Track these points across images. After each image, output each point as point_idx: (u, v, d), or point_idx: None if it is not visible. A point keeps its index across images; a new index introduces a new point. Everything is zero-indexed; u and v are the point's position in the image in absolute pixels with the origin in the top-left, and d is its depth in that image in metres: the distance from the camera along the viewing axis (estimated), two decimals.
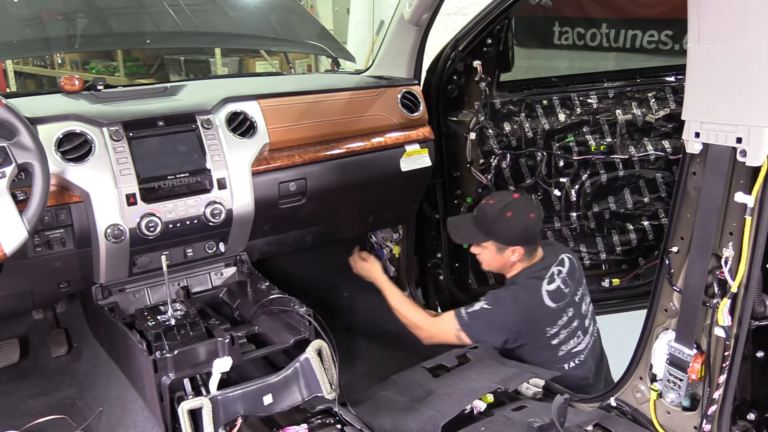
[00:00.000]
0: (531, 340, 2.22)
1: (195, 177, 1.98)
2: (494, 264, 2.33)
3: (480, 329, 2.21)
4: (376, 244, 2.98)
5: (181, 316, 1.86)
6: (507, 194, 2.34)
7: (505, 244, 2.25)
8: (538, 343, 2.22)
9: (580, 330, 2.26)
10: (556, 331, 2.22)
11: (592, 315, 2.35)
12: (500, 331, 2.20)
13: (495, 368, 2.13)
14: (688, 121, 1.53)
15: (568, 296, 2.24)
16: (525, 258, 2.28)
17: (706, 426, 1.62)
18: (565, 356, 2.24)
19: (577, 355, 2.26)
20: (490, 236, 2.26)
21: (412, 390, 2.06)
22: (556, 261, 2.29)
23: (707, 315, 1.60)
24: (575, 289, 2.27)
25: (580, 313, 2.27)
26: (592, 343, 2.31)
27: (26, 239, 1.59)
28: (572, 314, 2.24)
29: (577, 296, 2.27)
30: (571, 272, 2.29)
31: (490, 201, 2.28)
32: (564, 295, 2.23)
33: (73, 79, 2.13)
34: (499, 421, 1.88)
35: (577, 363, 2.26)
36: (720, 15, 1.39)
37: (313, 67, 5.85)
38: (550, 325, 2.21)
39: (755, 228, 1.44)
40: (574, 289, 2.27)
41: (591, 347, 2.31)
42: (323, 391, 1.76)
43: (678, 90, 2.88)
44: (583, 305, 2.30)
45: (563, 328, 2.23)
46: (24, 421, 2.03)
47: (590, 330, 2.31)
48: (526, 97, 2.83)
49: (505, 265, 2.31)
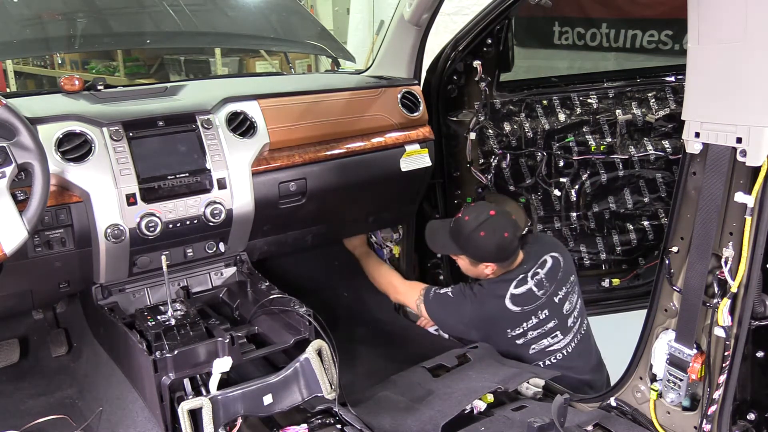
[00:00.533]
0: (490, 337, 2.28)
1: (195, 177, 1.98)
2: (469, 272, 2.39)
3: (437, 311, 2.35)
4: (376, 244, 2.98)
5: (181, 316, 1.86)
6: (483, 210, 2.26)
7: (478, 260, 2.29)
8: (499, 341, 2.27)
9: (558, 330, 2.26)
10: (520, 332, 2.24)
11: (579, 313, 2.34)
12: (454, 320, 2.31)
13: (495, 368, 2.13)
14: (688, 121, 1.53)
15: (542, 298, 2.25)
16: (499, 271, 2.31)
17: (706, 426, 1.62)
18: (536, 355, 2.26)
19: (552, 353, 2.26)
20: (464, 252, 2.30)
21: (412, 390, 2.06)
22: (535, 265, 2.29)
23: (707, 315, 1.60)
24: (555, 290, 2.27)
25: (559, 313, 2.27)
26: (577, 341, 2.31)
27: (26, 239, 1.59)
28: (547, 315, 2.25)
29: (557, 297, 2.27)
30: (552, 272, 2.29)
31: (465, 217, 2.26)
32: (534, 298, 2.24)
33: (73, 79, 2.13)
34: (499, 421, 1.88)
35: (554, 361, 2.26)
36: (720, 15, 1.39)
37: (313, 67, 5.85)
38: (512, 327, 2.24)
39: (755, 228, 1.44)
40: (553, 290, 2.27)
41: (576, 345, 2.30)
42: (323, 391, 1.76)
43: (678, 90, 2.88)
44: (565, 304, 2.29)
45: (533, 329, 2.24)
46: (24, 421, 2.03)
47: (574, 328, 2.31)
48: (526, 97, 2.83)
49: (479, 274, 2.35)
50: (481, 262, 2.28)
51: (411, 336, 2.73)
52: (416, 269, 2.96)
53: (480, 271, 2.32)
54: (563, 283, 2.30)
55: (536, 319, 2.24)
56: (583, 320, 2.37)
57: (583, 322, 2.37)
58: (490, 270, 2.29)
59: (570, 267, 2.36)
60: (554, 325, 2.26)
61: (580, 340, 2.32)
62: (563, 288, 2.30)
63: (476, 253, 2.27)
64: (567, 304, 2.30)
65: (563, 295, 2.29)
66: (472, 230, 2.22)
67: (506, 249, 2.25)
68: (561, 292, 2.29)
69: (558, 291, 2.28)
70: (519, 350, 2.26)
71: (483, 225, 2.21)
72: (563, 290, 2.29)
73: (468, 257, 2.30)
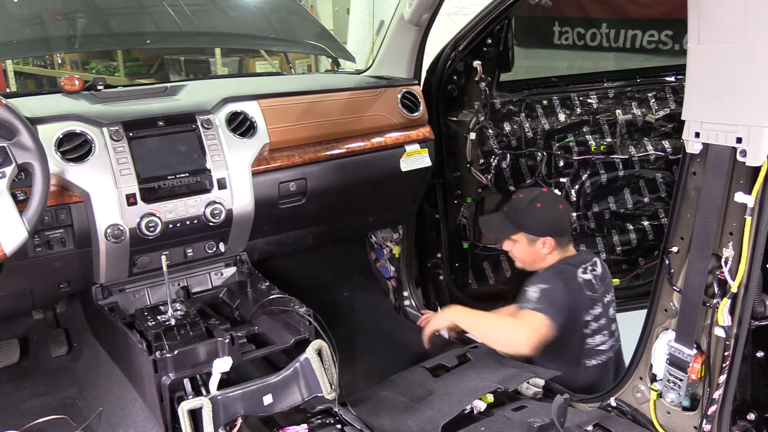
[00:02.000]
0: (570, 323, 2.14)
1: (195, 177, 1.98)
2: (526, 258, 2.32)
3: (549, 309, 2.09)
4: (376, 244, 2.98)
5: (181, 316, 1.86)
6: (536, 188, 2.43)
7: (536, 234, 2.25)
8: (576, 327, 2.17)
9: (606, 330, 2.23)
10: (589, 320, 2.19)
11: (616, 323, 2.32)
12: (561, 307, 2.11)
13: (495, 368, 2.13)
14: (688, 121, 1.53)
15: (599, 293, 2.22)
16: (557, 250, 2.27)
17: (706, 426, 1.62)
18: (589, 351, 2.22)
19: (599, 354, 2.23)
20: (521, 228, 2.27)
21: (412, 390, 2.06)
22: (589, 260, 2.28)
23: (707, 315, 1.60)
24: (605, 292, 2.26)
25: (607, 315, 2.25)
26: (615, 349, 2.29)
27: (26, 239, 1.59)
28: (601, 311, 2.22)
29: (606, 298, 2.25)
30: (603, 275, 2.28)
31: (519, 195, 2.33)
32: (596, 289, 2.21)
33: (73, 79, 2.13)
34: (499, 421, 1.88)
35: (596, 363, 2.23)
36: (720, 15, 1.39)
37: (313, 67, 5.85)
38: (586, 311, 2.18)
39: (755, 228, 1.44)
40: (603, 291, 2.25)
41: (614, 351, 2.28)
42: (323, 391, 1.76)
43: (678, 90, 2.88)
44: (610, 309, 2.28)
45: (594, 320, 2.20)
46: (24, 421, 2.03)
47: (615, 335, 2.30)
48: (526, 97, 2.83)
49: (536, 258, 2.30)
50: (540, 237, 2.25)
51: (411, 336, 2.72)
52: (416, 269, 2.96)
53: (537, 252, 2.27)
54: (609, 290, 2.30)
55: (598, 310, 2.20)
56: (618, 332, 2.34)
57: (618, 334, 2.33)
58: (548, 248, 2.25)
59: (610, 277, 2.35)
60: (605, 323, 2.23)
61: (617, 349, 2.31)
62: (609, 293, 2.29)
63: (533, 225, 2.25)
64: (611, 309, 2.28)
65: (610, 299, 2.28)
66: (528, 203, 2.26)
67: (562, 221, 2.28)
68: (608, 296, 2.28)
69: (606, 294, 2.27)
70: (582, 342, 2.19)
71: (538, 198, 2.28)
72: (609, 295, 2.29)
73: (525, 234, 2.27)
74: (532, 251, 2.29)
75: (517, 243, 2.32)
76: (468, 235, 2.90)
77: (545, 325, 2.06)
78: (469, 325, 2.26)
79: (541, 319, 2.07)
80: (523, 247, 2.31)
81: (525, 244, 2.29)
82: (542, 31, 3.96)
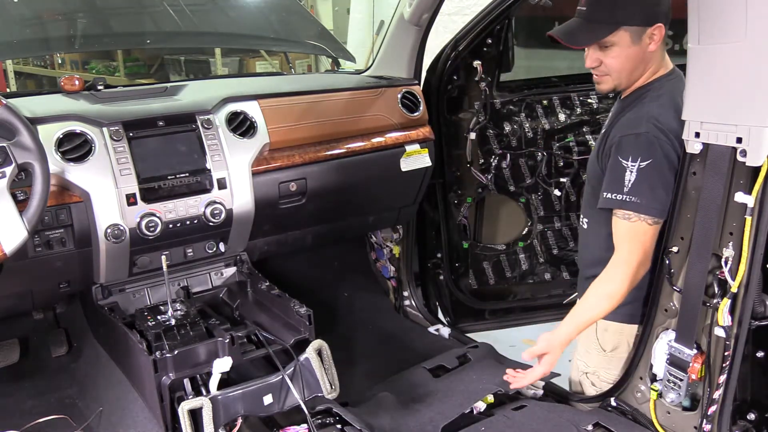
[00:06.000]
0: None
1: (195, 177, 1.98)
2: (627, 67, 1.75)
3: (651, 199, 1.66)
4: (376, 244, 2.98)
5: (181, 316, 1.87)
6: None
7: (643, 24, 1.69)
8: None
9: None
10: None
11: None
12: (667, 182, 1.66)
13: (495, 368, 2.13)
14: (688, 121, 1.53)
15: None
16: (660, 50, 1.76)
17: (706, 426, 1.62)
18: None
19: None
20: (621, 22, 1.69)
21: (412, 390, 2.06)
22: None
23: (707, 315, 1.60)
24: None
25: None
26: None
27: (26, 239, 1.58)
28: None
29: None
30: None
31: None
32: None
33: (73, 79, 2.13)
34: (499, 421, 1.88)
35: None
36: (720, 15, 1.39)
37: (313, 67, 5.85)
38: None
39: (755, 228, 1.44)
40: None
41: None
42: (323, 391, 1.76)
43: None
44: None
45: None
46: (24, 421, 2.03)
47: None
48: (526, 97, 2.83)
49: (641, 62, 1.75)
50: (648, 26, 1.70)
51: (411, 336, 2.73)
52: (416, 269, 2.96)
53: (643, 51, 1.72)
54: None
55: None
56: None
57: None
58: (655, 42, 1.72)
59: None
60: None
61: None
62: None
63: (639, 11, 1.69)
64: None
65: None
66: None
67: None
68: None
69: None
70: None
71: None
72: None
73: (629, 27, 1.69)
74: (636, 52, 1.72)
75: (614, 48, 1.73)
76: (468, 235, 2.90)
77: (647, 234, 1.66)
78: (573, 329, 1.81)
79: (640, 231, 1.66)
80: (624, 50, 1.72)
81: (628, 44, 1.71)
82: (542, 31, 3.95)
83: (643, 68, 1.77)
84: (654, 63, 1.77)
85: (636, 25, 1.70)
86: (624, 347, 1.91)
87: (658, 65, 1.79)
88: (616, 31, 1.70)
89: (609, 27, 1.70)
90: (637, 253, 1.69)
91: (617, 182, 1.68)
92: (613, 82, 1.80)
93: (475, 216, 2.91)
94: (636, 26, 1.70)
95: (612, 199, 1.70)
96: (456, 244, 2.89)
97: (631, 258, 1.69)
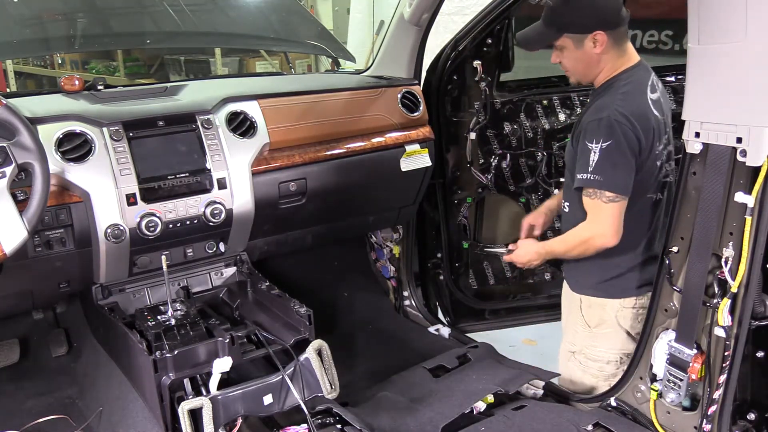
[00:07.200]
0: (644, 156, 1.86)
1: (195, 177, 1.98)
2: (578, 67, 1.97)
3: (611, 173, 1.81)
4: (376, 244, 2.98)
5: (181, 316, 1.87)
6: None
7: (581, 31, 1.89)
8: (652, 156, 1.88)
9: (667, 163, 1.96)
10: (660, 150, 1.90)
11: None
12: (627, 164, 1.82)
13: (495, 369, 2.13)
14: (688, 121, 1.53)
15: (666, 113, 1.94)
16: (613, 50, 1.91)
17: (706, 426, 1.62)
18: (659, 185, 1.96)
19: (664, 187, 1.96)
20: (563, 29, 1.92)
21: (412, 390, 2.06)
22: (652, 73, 1.95)
23: (707, 315, 1.60)
24: (668, 109, 1.96)
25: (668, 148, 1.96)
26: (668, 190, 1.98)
27: (26, 239, 1.59)
28: (666, 142, 1.94)
29: (668, 126, 1.96)
30: (664, 98, 1.96)
31: None
32: (663, 110, 1.92)
33: (73, 79, 2.13)
34: (499, 421, 1.88)
35: (657, 199, 1.96)
36: (720, 15, 1.39)
37: (313, 67, 5.85)
38: (658, 140, 1.89)
39: (755, 228, 1.45)
40: (667, 109, 1.96)
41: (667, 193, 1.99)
42: (323, 391, 1.76)
43: (678, 90, 2.88)
44: (669, 145, 1.97)
45: (665, 148, 1.93)
46: (24, 421, 2.03)
47: (671, 177, 1.99)
48: (526, 97, 2.83)
49: (590, 63, 1.93)
50: (587, 33, 1.88)
51: (411, 336, 2.73)
52: (416, 269, 2.96)
53: (589, 55, 1.91)
54: (669, 119, 1.98)
55: (665, 138, 1.93)
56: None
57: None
58: (599, 46, 1.88)
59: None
60: (667, 157, 1.96)
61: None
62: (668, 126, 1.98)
63: (577, 20, 1.89)
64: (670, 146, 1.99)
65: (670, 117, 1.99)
66: None
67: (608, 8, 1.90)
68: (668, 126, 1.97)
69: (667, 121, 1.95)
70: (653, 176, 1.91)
71: None
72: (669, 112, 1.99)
73: (570, 35, 1.90)
74: (582, 56, 1.92)
75: (564, 50, 1.96)
76: (468, 235, 2.90)
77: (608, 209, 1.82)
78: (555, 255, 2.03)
79: (608, 206, 1.81)
80: (571, 53, 1.94)
81: (573, 49, 1.93)
82: None
83: (597, 67, 1.95)
84: (609, 62, 1.94)
85: (575, 32, 1.91)
86: (608, 323, 2.03)
87: (616, 62, 1.94)
88: (561, 37, 1.93)
89: (555, 33, 1.94)
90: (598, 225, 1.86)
91: (584, 164, 1.85)
92: (574, 78, 2.03)
93: (475, 216, 2.91)
94: (575, 33, 1.91)
95: (580, 178, 1.87)
96: (456, 244, 2.89)
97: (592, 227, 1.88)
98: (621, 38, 1.93)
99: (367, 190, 2.50)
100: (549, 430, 1.82)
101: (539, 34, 2.01)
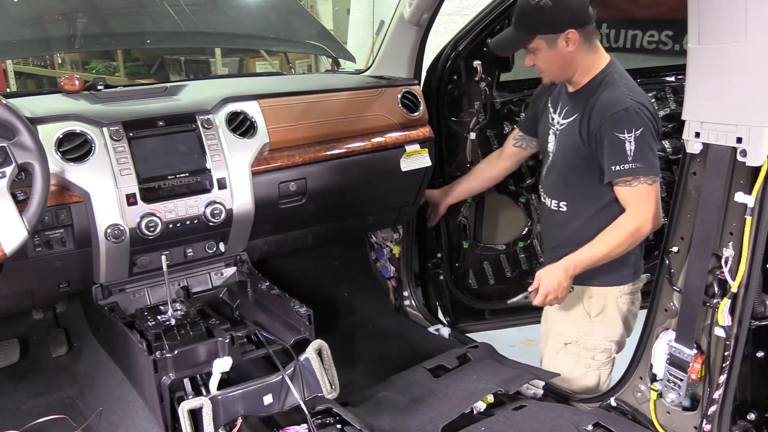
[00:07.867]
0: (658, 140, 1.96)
1: (195, 177, 1.98)
2: (553, 66, 2.01)
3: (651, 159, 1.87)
4: (376, 244, 2.98)
5: (181, 316, 1.87)
6: None
7: (555, 30, 1.93)
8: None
9: None
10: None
11: None
12: (656, 143, 1.91)
13: (495, 369, 2.13)
14: (688, 121, 1.53)
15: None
16: (584, 48, 1.97)
17: (706, 426, 1.62)
18: None
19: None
20: (534, 32, 1.96)
21: (412, 390, 2.06)
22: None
23: (707, 315, 1.60)
24: None
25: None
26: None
27: (26, 239, 1.59)
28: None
29: None
30: None
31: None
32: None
33: (73, 79, 2.13)
34: (499, 421, 1.88)
35: None
36: (720, 15, 1.39)
37: (313, 67, 5.85)
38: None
39: (755, 228, 1.45)
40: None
41: None
42: (323, 391, 1.76)
43: (678, 90, 2.88)
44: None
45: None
46: (24, 421, 2.03)
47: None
48: (526, 97, 2.83)
49: (564, 62, 1.99)
50: (560, 33, 1.92)
51: (411, 336, 2.73)
52: (416, 269, 2.96)
53: (562, 54, 1.95)
54: None
55: None
56: None
57: None
58: (572, 44, 1.93)
59: None
60: None
61: None
62: None
63: (548, 21, 1.93)
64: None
65: None
66: (536, 3, 1.92)
67: (577, 7, 1.93)
68: None
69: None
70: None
71: None
72: None
73: (543, 36, 1.95)
74: (556, 56, 1.97)
75: (537, 52, 2.00)
76: (468, 235, 2.90)
77: (650, 194, 1.87)
78: (591, 264, 1.97)
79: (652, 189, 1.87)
80: (545, 54, 1.98)
81: (546, 50, 1.97)
82: None
83: (572, 65, 2.00)
84: (585, 60, 1.99)
85: (547, 33, 1.94)
86: (609, 309, 2.12)
87: (593, 60, 2.00)
88: (534, 39, 1.97)
89: (528, 37, 1.98)
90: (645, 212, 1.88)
91: (619, 155, 1.87)
92: (549, 78, 2.08)
93: (475, 216, 2.91)
94: (548, 34, 1.94)
95: (619, 170, 1.88)
96: (456, 244, 2.89)
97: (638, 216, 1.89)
98: (591, 36, 1.98)
99: (367, 190, 2.50)
100: (549, 430, 1.83)
101: (511, 39, 2.05)
